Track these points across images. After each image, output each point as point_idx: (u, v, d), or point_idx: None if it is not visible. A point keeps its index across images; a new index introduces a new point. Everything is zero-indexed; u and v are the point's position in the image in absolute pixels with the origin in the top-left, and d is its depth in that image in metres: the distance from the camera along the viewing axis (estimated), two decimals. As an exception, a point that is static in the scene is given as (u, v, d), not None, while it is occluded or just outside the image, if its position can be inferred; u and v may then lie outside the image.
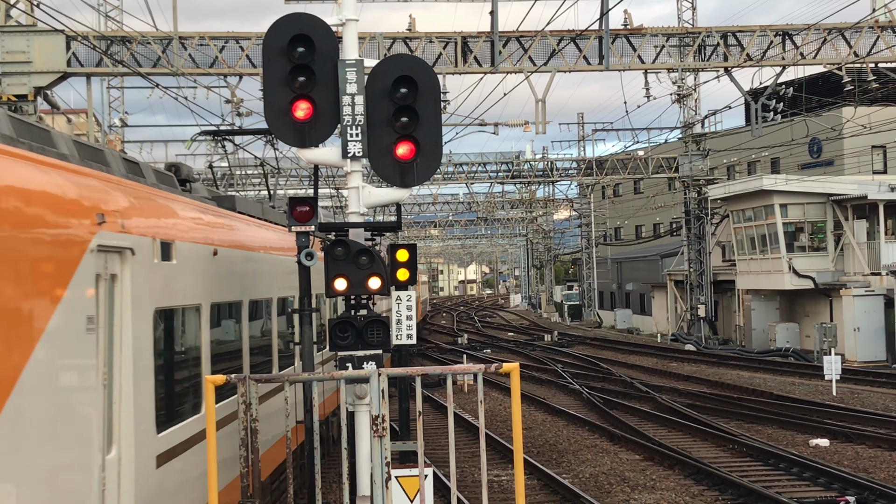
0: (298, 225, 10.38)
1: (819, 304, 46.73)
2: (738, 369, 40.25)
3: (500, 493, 18.49)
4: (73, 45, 34.63)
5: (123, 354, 8.20)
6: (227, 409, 11.19)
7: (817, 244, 47.16)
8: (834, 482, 18.49)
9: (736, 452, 22.15)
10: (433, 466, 11.49)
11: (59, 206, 7.24)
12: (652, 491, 18.58)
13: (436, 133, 10.68)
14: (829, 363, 31.16)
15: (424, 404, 29.22)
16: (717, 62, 39.28)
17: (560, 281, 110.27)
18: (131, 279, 8.44)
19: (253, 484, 7.57)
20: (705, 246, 55.32)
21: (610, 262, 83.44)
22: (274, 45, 10.38)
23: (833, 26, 38.08)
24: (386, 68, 10.59)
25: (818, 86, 53.40)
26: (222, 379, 7.39)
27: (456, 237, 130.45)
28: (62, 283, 7.04)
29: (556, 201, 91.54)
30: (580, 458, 22.16)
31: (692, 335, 54.52)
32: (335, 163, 10.78)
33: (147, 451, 8.65)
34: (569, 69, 37.68)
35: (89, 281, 7.55)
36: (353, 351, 10.28)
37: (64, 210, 7.28)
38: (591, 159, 63.45)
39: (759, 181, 48.68)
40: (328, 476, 18.84)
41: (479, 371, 7.55)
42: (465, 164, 64.19)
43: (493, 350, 51.85)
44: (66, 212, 7.31)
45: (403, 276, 10.97)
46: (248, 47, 35.85)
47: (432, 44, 37.09)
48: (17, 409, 6.31)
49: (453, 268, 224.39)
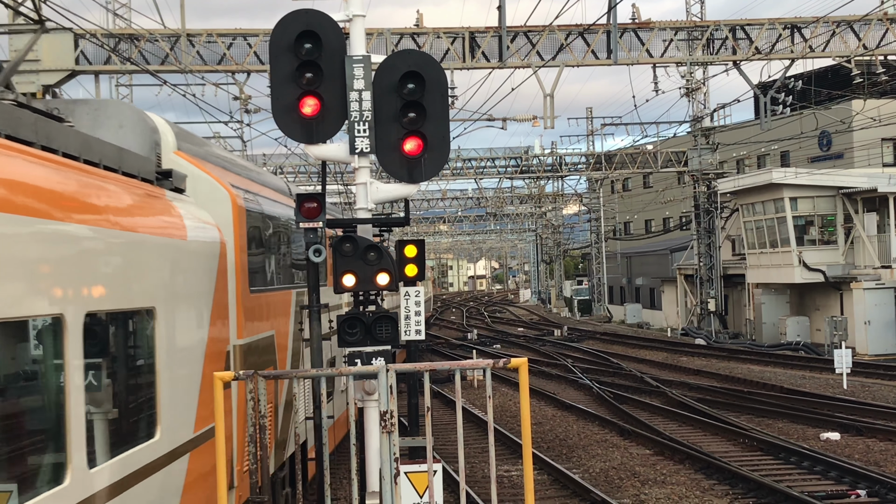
0: (306, 221, 10.38)
1: (829, 298, 46.63)
2: (748, 363, 40.18)
3: (510, 489, 18.48)
4: (82, 43, 34.67)
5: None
6: (147, 455, 8.34)
7: (827, 237, 47.08)
8: (845, 476, 18.46)
9: (747, 446, 22.12)
10: (442, 462, 11.49)
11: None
12: (662, 485, 18.56)
13: (444, 128, 10.67)
14: (840, 356, 31.09)
15: (433, 400, 29.25)
16: (726, 56, 39.20)
17: (570, 276, 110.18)
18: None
19: (262, 480, 7.58)
20: (715, 240, 55.23)
21: (619, 257, 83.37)
22: (281, 41, 10.37)
23: (842, 19, 37.97)
24: (393, 64, 10.58)
25: (827, 79, 53.29)
26: (230, 375, 7.40)
27: (465, 232, 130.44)
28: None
29: (565, 196, 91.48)
30: (590, 452, 22.14)
31: (702, 329, 54.44)
32: (343, 159, 10.79)
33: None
34: (577, 64, 37.62)
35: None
36: (362, 347, 10.29)
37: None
38: (600, 154, 63.42)
39: (768, 175, 48.59)
40: (338, 472, 18.86)
41: (488, 366, 7.53)
42: (473, 160, 64.20)
43: (503, 345, 51.86)
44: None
45: (412, 272, 10.97)
46: (255, 44, 35.86)
47: (440, 39, 37.07)
48: None
49: (463, 263, 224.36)
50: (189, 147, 11.85)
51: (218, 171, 12.04)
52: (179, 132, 11.81)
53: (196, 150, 12.06)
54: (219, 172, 12.04)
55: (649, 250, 76.28)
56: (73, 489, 6.78)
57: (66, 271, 6.95)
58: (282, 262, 14.31)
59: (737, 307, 56.06)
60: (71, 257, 7.08)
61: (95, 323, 7.47)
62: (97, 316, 7.49)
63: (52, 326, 6.79)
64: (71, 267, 7.04)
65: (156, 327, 8.60)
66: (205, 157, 12.16)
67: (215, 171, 11.88)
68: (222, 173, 12.21)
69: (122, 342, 8.23)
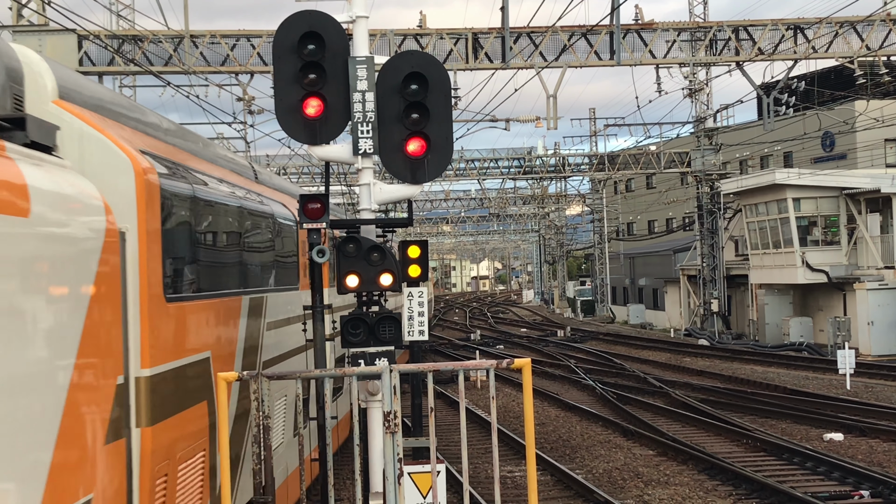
0: (310, 222, 10.39)
1: (833, 298, 46.62)
2: (751, 364, 40.17)
3: (514, 489, 18.48)
4: (85, 45, 34.73)
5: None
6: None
7: (830, 238, 47.05)
8: (848, 476, 18.45)
9: (750, 447, 22.11)
10: (446, 462, 11.50)
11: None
12: (666, 486, 18.56)
13: (447, 129, 10.68)
14: (843, 357, 31.07)
15: (437, 400, 29.29)
16: (729, 56, 39.22)
17: (573, 276, 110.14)
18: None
19: (266, 480, 7.59)
20: (718, 240, 55.21)
21: (622, 258, 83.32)
22: (284, 42, 10.38)
23: (845, 20, 37.97)
24: (396, 65, 10.59)
25: (830, 79, 53.30)
26: (235, 376, 7.40)
27: (468, 233, 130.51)
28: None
29: (568, 197, 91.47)
30: (594, 453, 22.14)
31: (705, 330, 54.41)
32: (346, 160, 10.79)
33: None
34: (580, 64, 37.65)
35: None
36: (365, 347, 10.30)
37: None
38: (604, 154, 63.39)
39: (771, 175, 48.56)
40: (341, 473, 18.88)
41: (491, 367, 7.54)
42: (476, 161, 64.20)
43: (506, 346, 51.83)
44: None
45: (415, 273, 10.98)
46: (259, 45, 35.92)
47: (443, 40, 37.10)
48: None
49: (466, 264, 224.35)
50: (87, 100, 8.75)
51: (128, 134, 8.90)
52: (71, 80, 8.75)
53: (101, 106, 9.00)
54: (129, 136, 8.89)
55: (652, 251, 76.24)
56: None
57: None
58: (226, 260, 11.10)
59: (740, 308, 56.03)
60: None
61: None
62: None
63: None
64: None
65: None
66: (115, 117, 9.15)
67: (124, 134, 8.75)
68: (137, 138, 9.12)
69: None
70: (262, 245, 12.81)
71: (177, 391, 8.88)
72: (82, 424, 6.84)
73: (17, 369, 5.98)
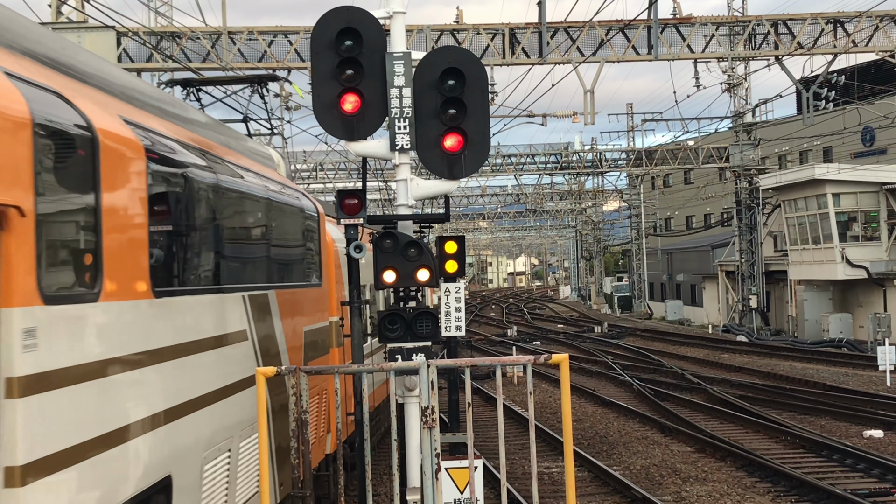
0: (347, 217, 10.42)
1: (872, 294, 46.23)
2: (790, 360, 39.91)
3: (551, 486, 18.47)
4: (124, 41, 34.97)
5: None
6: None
7: (870, 233, 46.68)
8: (888, 473, 18.29)
9: (788, 444, 21.98)
10: (483, 458, 11.50)
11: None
12: (704, 483, 18.48)
13: (483, 125, 10.66)
14: (883, 353, 30.84)
15: (474, 396, 29.30)
16: (768, 51, 38.95)
17: (610, 272, 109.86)
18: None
19: (304, 474, 7.63)
20: (757, 236, 54.90)
21: (660, 253, 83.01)
22: (322, 38, 10.40)
23: (885, 13, 37.64)
24: (433, 60, 10.59)
25: (871, 73, 52.78)
26: (272, 370, 7.45)
27: (504, 229, 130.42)
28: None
29: (605, 192, 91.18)
30: (631, 450, 22.07)
31: (744, 326, 54.12)
32: (383, 155, 10.80)
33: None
34: (617, 59, 37.51)
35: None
36: (403, 343, 10.32)
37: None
38: (641, 149, 63.20)
39: (811, 170, 48.24)
40: (378, 468, 18.92)
41: (529, 362, 7.54)
42: (513, 156, 64.17)
43: (543, 342, 51.76)
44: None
45: (452, 268, 10.98)
46: (296, 41, 36.03)
47: (479, 35, 37.07)
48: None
49: (502, 260, 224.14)
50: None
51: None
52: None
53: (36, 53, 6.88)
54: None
55: (690, 247, 75.92)
56: None
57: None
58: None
59: (779, 304, 55.68)
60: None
61: None
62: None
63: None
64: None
65: None
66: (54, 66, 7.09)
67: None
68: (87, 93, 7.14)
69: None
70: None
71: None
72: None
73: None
